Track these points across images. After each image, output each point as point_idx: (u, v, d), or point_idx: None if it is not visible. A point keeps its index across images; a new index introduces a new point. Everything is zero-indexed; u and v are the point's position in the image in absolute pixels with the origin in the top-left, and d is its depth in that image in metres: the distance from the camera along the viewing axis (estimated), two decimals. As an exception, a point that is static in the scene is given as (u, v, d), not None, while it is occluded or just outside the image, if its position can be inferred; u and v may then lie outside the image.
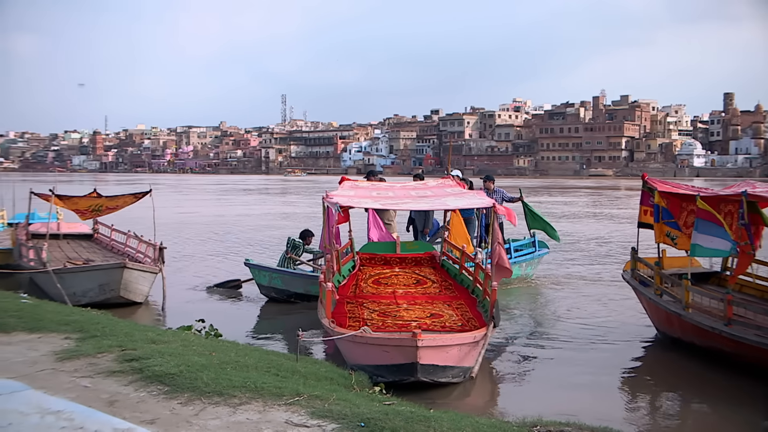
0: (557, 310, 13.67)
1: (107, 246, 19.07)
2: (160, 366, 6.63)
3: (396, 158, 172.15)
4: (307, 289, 13.97)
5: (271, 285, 14.08)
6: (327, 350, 10.54)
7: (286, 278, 14.07)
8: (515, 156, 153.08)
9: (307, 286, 13.98)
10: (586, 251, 22.80)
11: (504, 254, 9.82)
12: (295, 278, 14.15)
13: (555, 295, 15.16)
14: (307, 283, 14.02)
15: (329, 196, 11.40)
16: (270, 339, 11.62)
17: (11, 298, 11.24)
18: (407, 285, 12.33)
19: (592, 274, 18.30)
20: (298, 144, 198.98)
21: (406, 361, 8.37)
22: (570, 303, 14.38)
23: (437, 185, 13.17)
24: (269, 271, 14.25)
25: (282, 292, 14.05)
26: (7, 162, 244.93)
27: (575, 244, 24.57)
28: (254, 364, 7.17)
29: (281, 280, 14.05)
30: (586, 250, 23.00)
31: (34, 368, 6.78)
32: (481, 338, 8.92)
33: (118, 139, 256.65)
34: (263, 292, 14.29)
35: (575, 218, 36.97)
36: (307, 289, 13.97)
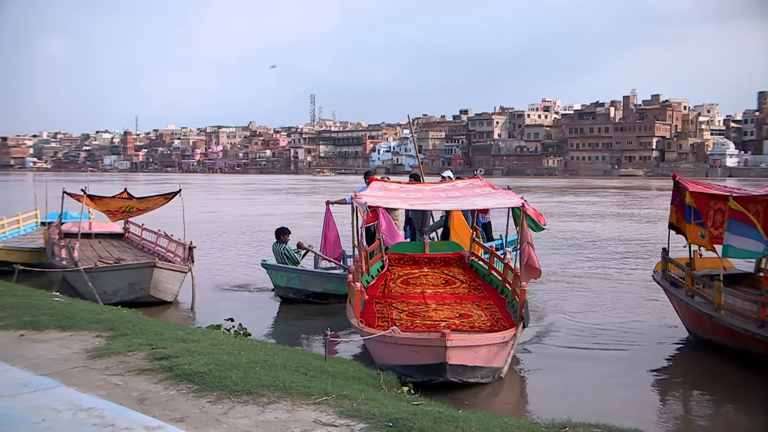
0: (585, 310, 13.58)
1: (138, 245, 19.25)
2: (189, 365, 6.67)
3: (425, 158, 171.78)
4: (326, 288, 13.99)
5: (289, 285, 13.97)
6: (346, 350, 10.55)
7: (304, 278, 14.02)
8: (544, 156, 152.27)
9: (326, 285, 14.00)
10: (611, 251, 22.65)
11: (534, 254, 9.77)
12: (314, 278, 14.12)
13: (582, 295, 15.05)
14: (325, 282, 14.04)
15: (358, 196, 11.41)
16: (298, 338, 11.66)
17: (44, 296, 11.36)
18: (436, 285, 12.32)
19: (620, 273, 18.18)
20: (327, 144, 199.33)
21: (435, 361, 8.36)
22: (598, 302, 14.29)
23: (466, 186, 13.13)
24: (287, 271, 14.10)
25: (300, 292, 13.98)
26: (41, 162, 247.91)
27: (598, 243, 24.43)
28: (283, 363, 7.19)
29: (299, 280, 13.97)
30: (611, 250, 22.85)
31: (66, 366, 6.85)
32: (510, 339, 8.89)
33: (149, 139, 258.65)
34: (280, 293, 14.19)
35: (599, 218, 36.71)
36: (326, 288, 13.99)
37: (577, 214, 40.13)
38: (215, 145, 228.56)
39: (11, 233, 21.06)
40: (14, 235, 21.14)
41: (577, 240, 25.99)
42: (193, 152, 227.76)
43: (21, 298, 10.51)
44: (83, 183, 17.48)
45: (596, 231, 29.71)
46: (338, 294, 13.99)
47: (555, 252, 22.15)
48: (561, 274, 17.75)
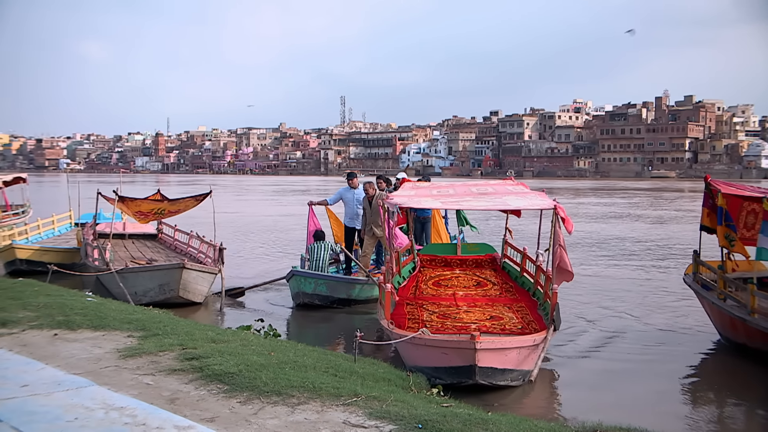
0: (615, 313, 13.49)
1: (171, 246, 19.41)
2: (219, 365, 6.71)
3: (455, 159, 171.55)
4: (349, 294, 13.95)
5: (316, 292, 13.74)
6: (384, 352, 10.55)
7: (331, 284, 13.90)
8: (575, 157, 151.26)
9: (349, 291, 13.97)
10: (639, 252, 22.45)
11: (566, 257, 9.71)
12: (340, 284, 14.04)
13: (611, 297, 14.96)
14: (349, 288, 14.00)
15: (389, 197, 11.40)
16: (328, 339, 11.69)
17: (77, 296, 11.48)
18: (467, 287, 12.30)
19: (648, 275, 18.04)
20: (357, 145, 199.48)
21: (465, 363, 8.33)
22: (628, 305, 14.21)
23: (498, 184, 13.09)
24: (315, 277, 13.83)
25: (326, 299, 13.78)
26: (74, 163, 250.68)
27: (626, 245, 24.24)
28: (312, 364, 7.21)
29: (326, 286, 13.81)
30: (639, 251, 22.65)
31: (99, 365, 6.92)
32: (540, 341, 8.85)
33: (180, 141, 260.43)
34: (306, 301, 13.76)
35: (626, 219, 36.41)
36: (349, 294, 13.95)
37: (603, 215, 39.84)
38: (246, 147, 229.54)
39: (46, 234, 21.33)
40: (49, 235, 21.41)
41: (604, 241, 25.81)
42: (223, 153, 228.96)
43: (55, 297, 10.62)
44: (115, 184, 17.66)
45: (624, 232, 29.48)
46: (359, 300, 14.05)
47: (583, 253, 22.01)
48: (589, 275, 17.63)
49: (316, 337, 11.70)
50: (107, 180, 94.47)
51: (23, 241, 19.03)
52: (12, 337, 8.00)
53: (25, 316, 9.09)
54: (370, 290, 14.15)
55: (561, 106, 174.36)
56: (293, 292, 14.03)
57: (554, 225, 9.80)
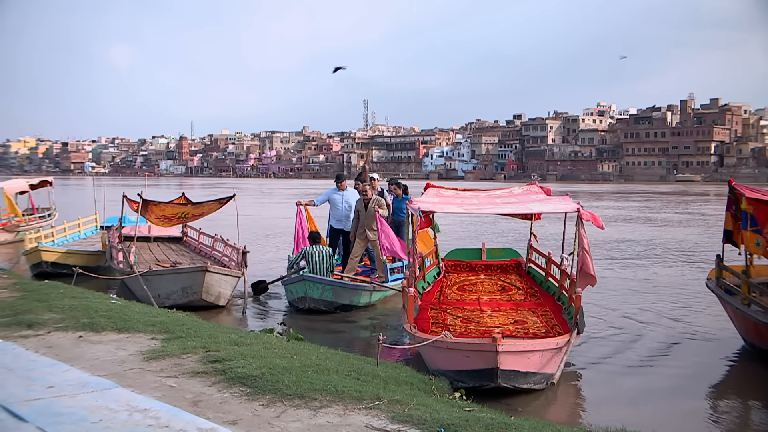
0: (639, 317, 13.39)
1: (195, 249, 19.51)
2: (242, 368, 6.74)
3: (478, 163, 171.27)
4: (352, 300, 13.88)
5: (322, 297, 13.57)
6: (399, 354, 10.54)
7: (337, 290, 13.73)
8: (599, 161, 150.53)
9: (352, 297, 13.89)
10: (662, 256, 22.29)
11: (589, 261, 9.66)
12: (345, 290, 13.88)
13: (634, 302, 14.84)
14: (353, 294, 13.92)
15: (413, 201, 11.41)
16: (350, 342, 11.68)
17: (102, 298, 11.58)
18: (492, 292, 12.30)
19: (670, 279, 17.91)
20: (380, 149, 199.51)
21: (487, 366, 8.31)
22: (650, 309, 14.10)
23: (522, 192, 13.07)
24: (323, 283, 13.61)
25: (330, 304, 13.63)
26: (99, 166, 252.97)
27: (648, 248, 24.08)
28: (335, 367, 7.23)
29: (332, 292, 13.64)
30: (661, 255, 22.49)
31: (123, 367, 6.97)
32: (563, 345, 8.80)
33: (203, 144, 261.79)
34: (312, 305, 13.55)
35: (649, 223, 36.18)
36: (352, 300, 13.88)
37: (626, 218, 39.59)
38: (269, 150, 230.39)
39: (72, 237, 21.51)
40: (75, 238, 21.59)
41: (627, 244, 25.65)
42: (247, 157, 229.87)
43: (80, 300, 10.71)
44: (140, 187, 17.75)
45: (648, 236, 29.28)
46: (359, 306, 14.02)
47: (607, 256, 21.89)
48: (613, 278, 17.53)
49: (337, 340, 11.71)
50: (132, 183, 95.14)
51: (49, 244, 19.16)
52: (38, 339, 8.09)
53: (51, 318, 9.18)
54: (369, 296, 14.21)
55: (585, 110, 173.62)
56: (296, 296, 13.83)
57: (578, 229, 9.77)
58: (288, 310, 14.12)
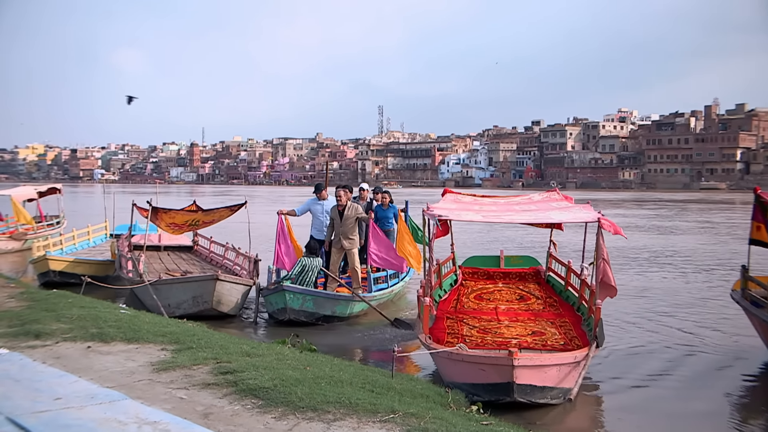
0: (661, 330, 13.33)
1: (206, 258, 19.57)
2: (254, 379, 6.74)
3: (495, 170, 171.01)
4: (333, 310, 13.77)
5: (303, 308, 13.47)
6: None
7: (319, 300, 13.64)
8: (620, 168, 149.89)
9: (334, 307, 13.78)
10: (690, 266, 22.16)
11: (610, 271, 9.61)
12: (328, 300, 13.77)
13: (654, 313, 14.78)
14: (334, 304, 13.80)
15: (430, 208, 11.41)
16: (364, 354, 11.68)
17: (111, 308, 11.61)
18: (510, 301, 12.28)
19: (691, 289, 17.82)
20: (395, 156, 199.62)
21: (502, 380, 8.28)
22: (672, 321, 14.07)
23: (542, 199, 13.04)
24: (304, 293, 13.51)
25: (311, 315, 13.55)
26: (108, 173, 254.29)
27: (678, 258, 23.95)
28: (349, 379, 7.22)
29: (314, 302, 13.55)
30: (689, 265, 22.36)
31: (132, 378, 6.99)
32: (582, 358, 8.76)
33: (215, 151, 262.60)
34: (293, 317, 13.40)
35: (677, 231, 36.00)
36: (333, 310, 13.77)
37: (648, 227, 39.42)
38: (282, 157, 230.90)
39: (81, 245, 21.62)
40: (84, 247, 21.69)
41: (649, 254, 25.52)
42: (259, 164, 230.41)
43: (88, 310, 10.74)
44: (150, 195, 17.82)
45: (670, 245, 29.13)
46: (342, 317, 13.94)
47: (629, 267, 21.79)
48: (634, 290, 17.45)
49: (351, 351, 11.71)
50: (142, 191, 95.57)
51: (57, 252, 19.27)
52: (46, 350, 8.12)
53: (59, 328, 9.21)
54: (352, 307, 14.11)
55: (605, 116, 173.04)
56: (276, 307, 13.68)
57: (598, 238, 9.73)
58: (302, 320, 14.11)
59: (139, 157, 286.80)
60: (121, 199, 21.46)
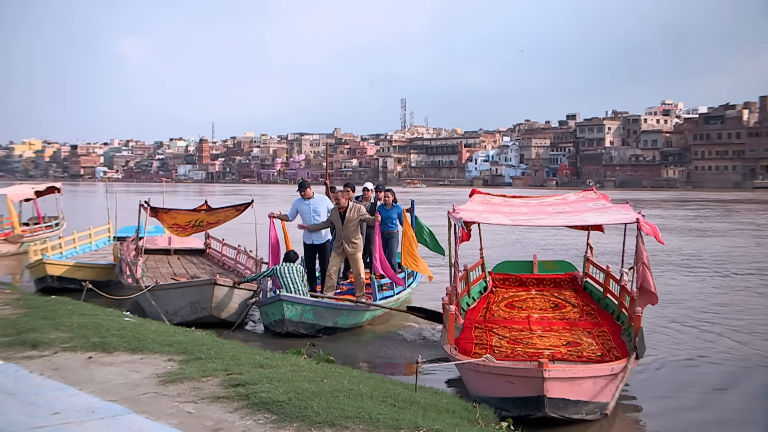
0: (707, 339, 13.23)
1: (218, 262, 19.59)
2: (267, 392, 6.75)
3: (527, 168, 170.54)
4: (335, 321, 13.53)
5: (302, 320, 13.18)
6: None
7: (319, 311, 13.38)
8: (663, 166, 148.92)
9: (336, 318, 13.54)
10: (737, 271, 22.01)
11: (650, 277, 9.55)
12: (328, 310, 13.54)
13: (702, 321, 14.67)
14: (335, 315, 13.56)
15: (456, 210, 11.38)
16: (384, 365, 11.67)
17: (113, 316, 11.65)
18: (544, 309, 12.25)
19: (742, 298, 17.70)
20: (419, 153, 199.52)
21: (532, 394, 8.24)
22: (721, 331, 13.92)
23: (577, 199, 13.00)
24: (303, 303, 13.23)
25: (312, 327, 13.27)
26: (111, 171, 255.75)
27: (726, 263, 23.77)
28: (369, 392, 7.21)
29: (313, 312, 13.29)
30: (737, 270, 22.20)
31: (136, 391, 7.02)
32: (620, 371, 8.68)
33: (226, 148, 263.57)
34: (291, 329, 13.08)
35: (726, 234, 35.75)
36: (335, 321, 13.53)
37: (695, 230, 39.18)
38: (297, 154, 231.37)
39: (82, 248, 21.71)
40: (85, 250, 21.79)
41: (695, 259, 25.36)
42: (273, 161, 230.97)
43: (89, 317, 10.81)
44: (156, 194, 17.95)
45: (717, 249, 28.94)
46: (344, 328, 13.74)
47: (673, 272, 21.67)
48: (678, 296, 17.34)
49: (371, 362, 11.71)
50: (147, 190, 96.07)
51: (56, 256, 19.37)
52: (43, 360, 8.17)
53: (58, 337, 9.27)
54: (356, 317, 13.96)
55: (647, 109, 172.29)
56: (273, 319, 13.40)
57: (638, 241, 9.67)
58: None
59: (144, 153, 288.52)
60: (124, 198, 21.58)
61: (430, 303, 14.79)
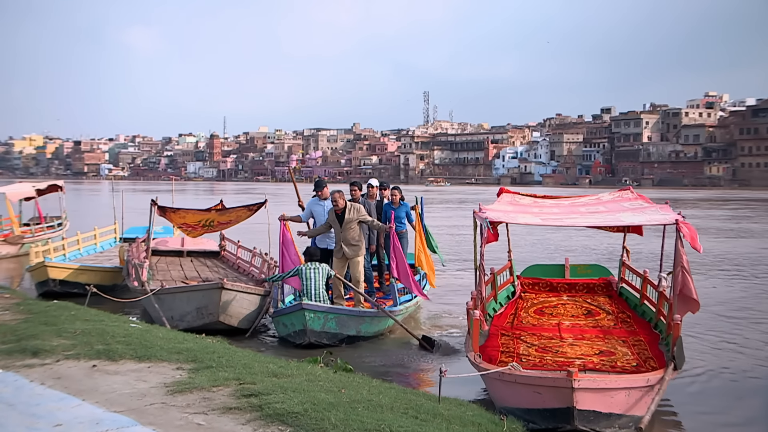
0: (753, 349, 13.15)
1: (233, 265, 19.57)
2: (282, 403, 6.77)
3: (558, 166, 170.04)
4: (359, 330, 13.43)
5: (325, 329, 12.98)
6: None
7: (342, 319, 13.21)
8: (706, 163, 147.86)
9: (359, 326, 13.42)
10: None
11: (690, 282, 9.48)
12: (352, 318, 13.42)
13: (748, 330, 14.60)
14: (359, 323, 13.44)
15: (482, 209, 11.37)
16: (406, 375, 11.68)
17: (119, 321, 11.71)
18: (576, 316, 12.23)
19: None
20: (443, 149, 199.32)
21: (561, 405, 8.22)
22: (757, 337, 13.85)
23: (612, 199, 12.96)
24: (326, 311, 13.04)
25: (335, 337, 13.11)
26: (117, 169, 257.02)
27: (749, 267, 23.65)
28: (389, 403, 7.22)
29: (336, 321, 13.10)
30: None
31: (143, 402, 7.05)
32: (655, 382, 8.64)
33: (238, 144, 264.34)
34: (314, 339, 12.87)
35: None
36: (359, 330, 13.43)
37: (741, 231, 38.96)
38: (313, 151, 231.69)
39: (86, 250, 21.76)
40: (90, 252, 21.84)
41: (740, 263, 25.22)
42: (288, 158, 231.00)
43: (94, 323, 10.86)
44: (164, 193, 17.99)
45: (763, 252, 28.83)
46: (366, 336, 13.66)
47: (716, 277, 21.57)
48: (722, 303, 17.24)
49: (391, 371, 11.70)
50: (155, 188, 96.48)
51: (59, 259, 19.43)
52: (45, 369, 8.23)
53: (60, 344, 9.32)
54: (378, 324, 13.88)
55: (689, 101, 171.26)
56: (293, 329, 13.17)
57: (677, 244, 9.62)
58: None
59: (151, 150, 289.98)
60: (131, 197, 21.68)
61: (439, 306, 14.79)
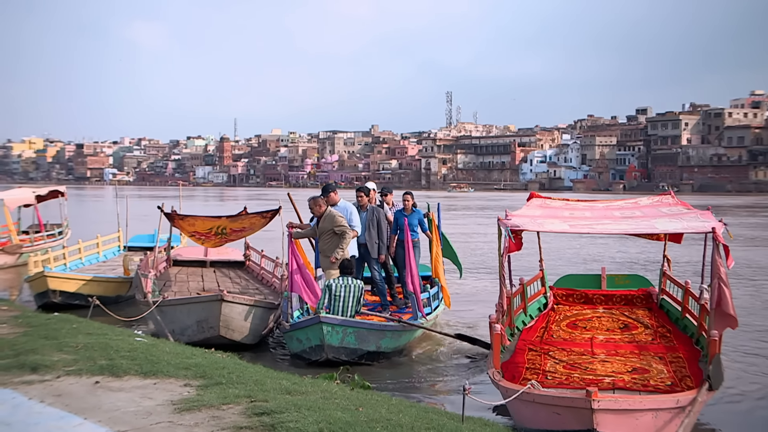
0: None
1: (257, 276, 19.48)
2: (296, 422, 6.77)
3: (590, 170, 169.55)
4: (379, 345, 13.21)
5: (343, 345, 12.75)
6: None
7: (361, 333, 12.96)
8: (752, 167, 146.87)
9: (379, 341, 13.20)
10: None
11: (728, 296, 9.35)
12: (371, 332, 13.15)
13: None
14: (379, 337, 13.21)
15: (508, 216, 11.34)
16: (428, 392, 11.67)
17: (124, 335, 11.72)
18: (611, 330, 12.14)
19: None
20: (467, 153, 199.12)
21: (581, 427, 8.11)
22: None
23: (650, 204, 12.90)
24: (344, 325, 12.80)
25: (354, 353, 12.90)
26: (121, 173, 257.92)
27: None
28: (410, 423, 7.21)
29: (355, 336, 12.87)
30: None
31: (149, 420, 7.07)
32: (687, 403, 8.48)
33: (249, 147, 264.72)
34: (332, 355, 12.64)
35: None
36: (379, 345, 13.21)
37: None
38: (329, 154, 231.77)
39: (88, 259, 21.86)
40: (92, 262, 21.89)
41: None
42: (302, 162, 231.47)
43: (97, 337, 10.88)
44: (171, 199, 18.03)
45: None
46: (387, 352, 13.50)
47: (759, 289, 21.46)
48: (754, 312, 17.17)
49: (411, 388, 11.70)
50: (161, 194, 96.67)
51: (59, 269, 19.45)
52: (45, 386, 8.25)
53: (61, 359, 9.35)
54: (399, 339, 13.67)
55: (732, 101, 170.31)
56: (308, 345, 12.96)
57: (713, 253, 9.52)
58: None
59: (158, 154, 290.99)
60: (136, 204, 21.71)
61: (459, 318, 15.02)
